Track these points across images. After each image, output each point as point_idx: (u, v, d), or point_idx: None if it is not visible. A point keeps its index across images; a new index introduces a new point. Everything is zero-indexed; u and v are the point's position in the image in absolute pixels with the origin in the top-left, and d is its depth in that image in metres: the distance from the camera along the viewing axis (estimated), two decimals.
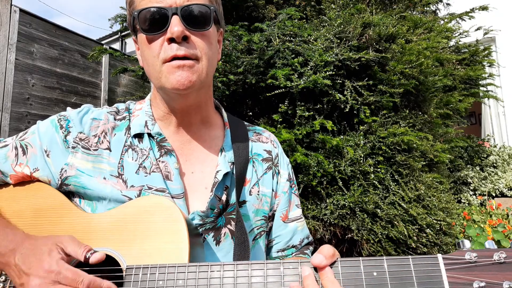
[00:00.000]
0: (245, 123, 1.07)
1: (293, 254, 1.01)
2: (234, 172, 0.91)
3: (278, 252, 1.00)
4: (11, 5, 4.31)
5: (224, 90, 2.51)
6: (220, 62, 2.49)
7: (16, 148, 0.87)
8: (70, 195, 0.87)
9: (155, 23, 0.78)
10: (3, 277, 0.80)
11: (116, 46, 11.00)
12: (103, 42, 8.51)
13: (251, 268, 0.70)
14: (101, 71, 5.61)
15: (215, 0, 0.87)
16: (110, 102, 5.63)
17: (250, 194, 0.94)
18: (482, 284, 0.62)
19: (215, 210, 0.86)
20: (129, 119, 0.92)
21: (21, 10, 4.44)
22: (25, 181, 0.88)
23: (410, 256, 0.67)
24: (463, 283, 0.63)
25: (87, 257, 0.70)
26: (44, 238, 0.74)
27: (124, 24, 3.30)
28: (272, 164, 1.01)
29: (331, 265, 0.68)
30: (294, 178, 1.08)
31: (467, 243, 0.67)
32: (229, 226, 0.88)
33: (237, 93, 2.61)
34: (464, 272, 0.64)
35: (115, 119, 0.91)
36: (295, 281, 0.68)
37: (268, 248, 1.00)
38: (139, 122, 0.90)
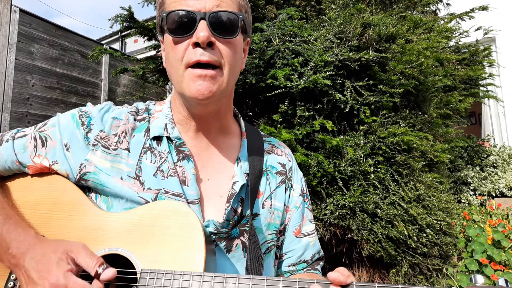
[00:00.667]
0: (262, 133, 1.06)
1: (304, 270, 1.00)
2: (249, 184, 0.91)
3: (289, 266, 0.99)
4: (11, 5, 4.31)
5: None
6: None
7: (35, 139, 0.87)
8: (88, 190, 0.87)
9: (182, 26, 0.78)
10: (14, 275, 0.80)
11: (116, 46, 11.00)
12: (103, 42, 8.51)
13: (267, 284, 0.70)
14: (101, 71, 5.61)
15: (244, 9, 0.87)
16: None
17: (263, 207, 0.93)
18: None
19: (230, 222, 0.86)
20: (149, 121, 0.92)
21: (21, 10, 4.44)
22: (43, 172, 0.88)
23: (424, 286, 0.65)
24: None
25: (98, 272, 0.69)
26: (55, 244, 0.74)
27: (124, 24, 3.30)
28: (286, 178, 1.00)
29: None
30: (308, 192, 1.07)
31: (480, 279, 0.66)
32: (241, 237, 0.87)
33: (237, 93, 2.60)
34: None
35: (134, 120, 0.91)
36: None
37: (279, 261, 1.00)
38: (159, 124, 0.90)
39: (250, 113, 2.70)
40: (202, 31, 0.76)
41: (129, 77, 6.03)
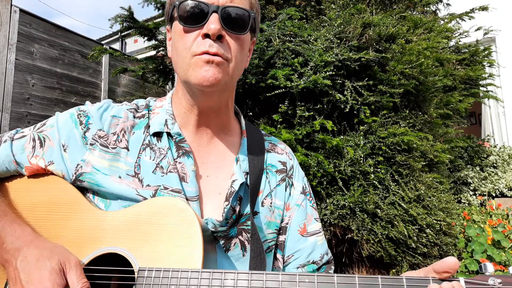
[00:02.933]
0: (262, 132, 1.06)
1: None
2: (248, 183, 0.90)
3: (298, 268, 0.97)
4: (11, 5, 4.31)
5: None
6: None
7: (34, 140, 0.86)
8: (84, 190, 0.86)
9: (194, 16, 0.78)
10: None
11: (116, 46, 11.00)
12: (103, 42, 8.51)
13: (266, 279, 0.69)
14: (101, 71, 5.61)
15: (256, 8, 0.87)
16: None
17: (263, 206, 0.93)
18: None
19: (228, 221, 0.85)
20: (149, 117, 0.91)
21: (21, 10, 4.44)
22: (39, 173, 0.87)
23: (431, 277, 0.65)
24: None
25: None
26: (52, 250, 0.73)
27: (124, 24, 3.30)
28: (286, 176, 0.99)
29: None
30: (311, 192, 1.05)
31: (490, 267, 0.65)
32: (240, 237, 0.87)
33: (237, 93, 2.60)
34: None
35: (134, 117, 0.91)
36: None
37: (286, 265, 0.98)
38: (159, 120, 0.89)
39: (250, 113, 2.70)
40: (214, 23, 0.76)
41: (129, 77, 6.03)
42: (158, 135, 0.88)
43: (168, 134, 0.88)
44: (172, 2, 0.84)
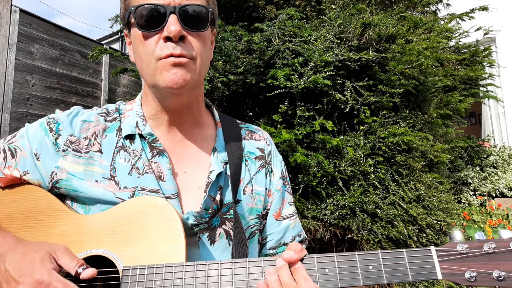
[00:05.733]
0: (237, 121, 1.06)
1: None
2: (229, 172, 0.91)
3: (270, 249, 1.01)
4: (11, 5, 4.31)
5: (224, 90, 2.51)
6: (220, 62, 2.49)
7: (4, 151, 0.86)
8: (62, 197, 0.86)
9: (151, 20, 0.77)
10: None
11: (116, 46, 11.00)
12: (103, 42, 8.52)
13: (249, 266, 0.71)
14: (101, 71, 5.61)
15: (211, 0, 0.87)
16: (110, 102, 5.63)
17: (244, 193, 0.94)
18: (474, 274, 0.65)
19: (209, 211, 0.86)
20: (120, 120, 0.91)
21: (21, 10, 4.44)
22: (15, 183, 0.87)
23: (404, 249, 0.69)
24: (456, 273, 0.66)
25: (78, 272, 0.69)
26: (38, 245, 0.73)
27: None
28: (265, 162, 1.00)
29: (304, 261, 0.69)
30: (287, 175, 1.07)
31: (458, 235, 0.70)
32: (224, 226, 0.88)
33: (237, 93, 2.61)
34: (456, 263, 0.67)
35: (105, 121, 0.90)
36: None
37: (261, 245, 1.01)
38: (130, 123, 0.90)
39: (250, 113, 2.70)
40: (173, 25, 0.75)
41: (129, 77, 6.03)
42: (130, 137, 0.89)
43: (140, 135, 0.88)
44: (127, 7, 0.83)
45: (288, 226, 1.01)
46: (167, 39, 0.77)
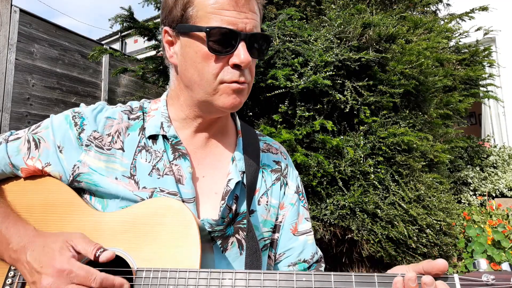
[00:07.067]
0: (256, 131, 1.07)
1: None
2: (245, 182, 0.91)
3: (289, 266, 0.98)
4: (11, 5, 4.31)
5: None
6: None
7: (28, 141, 0.86)
8: (81, 191, 0.87)
9: (222, 42, 0.77)
10: (12, 273, 0.80)
11: (116, 46, 11.01)
12: (103, 42, 8.52)
13: (264, 278, 0.70)
14: (101, 71, 5.60)
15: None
16: (110, 102, 5.63)
17: (259, 204, 0.94)
18: None
19: (225, 219, 0.86)
20: (143, 119, 0.91)
21: (21, 10, 4.44)
22: (36, 175, 0.88)
23: (425, 275, 0.65)
24: None
25: (97, 255, 0.70)
26: (54, 235, 0.75)
27: (124, 24, 3.29)
28: (281, 175, 1.01)
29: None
30: (303, 191, 1.07)
31: (483, 264, 0.66)
32: (237, 235, 0.88)
33: None
34: None
35: (128, 119, 0.90)
36: None
37: (277, 262, 0.99)
38: (155, 123, 0.89)
39: (250, 113, 2.70)
40: (244, 54, 0.77)
41: (129, 77, 6.03)
42: (153, 137, 0.89)
43: (164, 136, 0.89)
44: (186, 6, 0.79)
45: (306, 241, 1.00)
46: (236, 66, 0.79)
